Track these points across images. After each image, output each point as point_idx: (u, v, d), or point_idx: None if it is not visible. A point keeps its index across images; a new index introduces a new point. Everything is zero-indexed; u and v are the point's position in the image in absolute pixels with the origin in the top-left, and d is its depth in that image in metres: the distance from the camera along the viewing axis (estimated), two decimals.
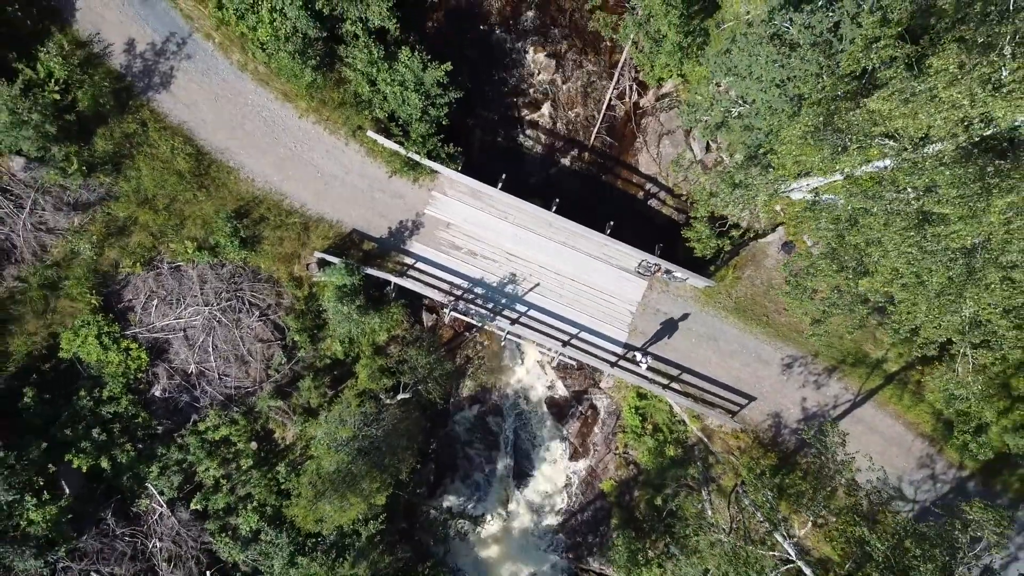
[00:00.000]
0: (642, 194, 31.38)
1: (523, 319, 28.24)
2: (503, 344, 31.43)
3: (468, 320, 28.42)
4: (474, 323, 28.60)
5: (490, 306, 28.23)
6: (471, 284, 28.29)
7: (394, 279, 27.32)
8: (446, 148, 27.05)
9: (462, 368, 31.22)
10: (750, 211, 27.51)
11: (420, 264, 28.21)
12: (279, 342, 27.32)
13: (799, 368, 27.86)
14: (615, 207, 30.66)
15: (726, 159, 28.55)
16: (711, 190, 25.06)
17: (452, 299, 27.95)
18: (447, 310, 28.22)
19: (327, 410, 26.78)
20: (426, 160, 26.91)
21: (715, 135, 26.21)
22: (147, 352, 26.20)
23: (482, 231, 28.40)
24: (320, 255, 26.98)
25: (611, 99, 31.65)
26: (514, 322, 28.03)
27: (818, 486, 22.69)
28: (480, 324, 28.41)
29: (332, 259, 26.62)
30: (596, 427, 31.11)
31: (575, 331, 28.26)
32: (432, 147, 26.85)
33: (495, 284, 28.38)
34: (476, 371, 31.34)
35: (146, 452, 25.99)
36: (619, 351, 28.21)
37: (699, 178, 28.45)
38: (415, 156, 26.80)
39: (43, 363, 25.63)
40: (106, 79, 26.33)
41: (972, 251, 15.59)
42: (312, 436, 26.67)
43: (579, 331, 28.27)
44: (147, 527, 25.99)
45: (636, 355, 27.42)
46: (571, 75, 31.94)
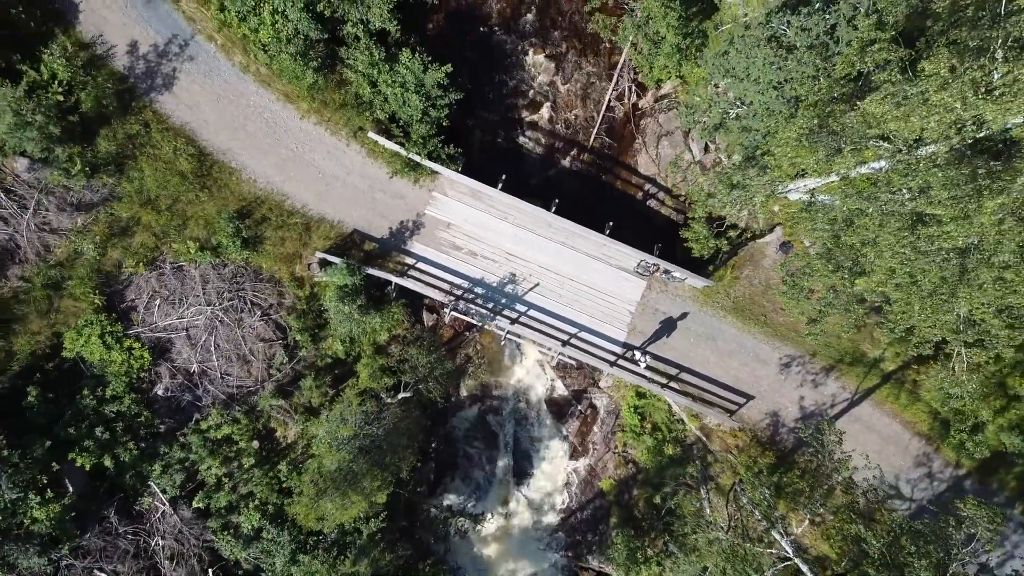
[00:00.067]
0: (641, 194, 31.55)
1: (523, 319, 28.42)
2: (503, 344, 31.59)
3: (468, 320, 28.60)
4: (474, 323, 28.77)
5: (490, 306, 28.41)
6: (471, 284, 28.47)
7: (395, 279, 27.48)
8: (446, 149, 27.18)
9: (462, 367, 31.38)
10: (748, 211, 27.66)
11: (421, 264, 28.39)
12: (281, 341, 27.50)
13: (797, 367, 28.02)
14: (614, 207, 30.80)
15: (724, 160, 28.70)
16: (709, 191, 25.22)
17: (452, 299, 28.13)
18: (447, 310, 28.40)
19: (328, 409, 26.94)
20: (426, 161, 27.05)
21: (713, 136, 26.38)
22: (150, 351, 26.35)
23: (482, 231, 28.58)
24: (321, 255, 27.15)
25: (610, 100, 31.81)
26: (514, 322, 28.21)
27: (815, 484, 22.86)
28: (480, 324, 28.59)
29: (333, 259, 26.79)
30: (595, 426, 31.26)
31: (575, 331, 28.44)
32: (432, 148, 27.00)
33: (495, 284, 28.57)
34: (476, 370, 31.49)
35: (149, 451, 26.12)
36: (618, 350, 28.38)
37: (697, 179, 28.59)
38: (416, 157, 26.93)
39: (47, 362, 25.77)
40: (109, 80, 26.45)
41: (965, 251, 15.80)
42: (313, 435, 26.84)
43: (578, 331, 28.44)
44: (150, 525, 26.12)
45: (635, 354, 27.59)
46: (570, 76, 32.12)
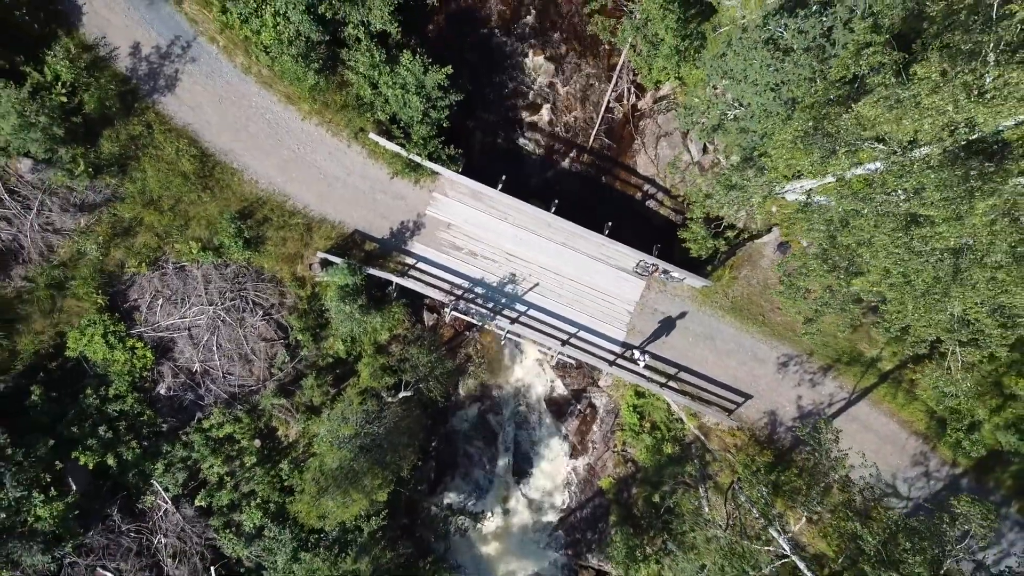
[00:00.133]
0: (640, 195, 31.73)
1: (523, 318, 28.59)
2: (503, 343, 31.74)
3: (468, 319, 28.78)
4: (474, 322, 28.95)
5: (490, 306, 28.59)
6: (471, 284, 28.65)
7: (395, 279, 27.66)
8: (447, 150, 27.34)
9: (462, 367, 31.55)
10: (746, 212, 27.83)
11: (421, 264, 28.57)
12: (282, 341, 27.68)
13: (795, 367, 28.20)
14: (614, 208, 30.98)
15: (723, 161, 28.87)
16: (707, 191, 25.39)
17: (453, 299, 28.30)
18: (448, 309, 28.58)
19: (329, 408, 27.12)
20: (427, 162, 27.22)
21: (712, 137, 26.55)
22: (152, 351, 26.54)
23: (482, 232, 28.76)
24: (323, 255, 27.34)
25: (609, 101, 31.98)
26: (514, 321, 28.38)
27: (812, 483, 23.03)
28: (480, 323, 28.77)
29: (334, 259, 26.98)
30: (595, 425, 31.43)
31: (574, 330, 28.62)
32: (433, 149, 27.16)
33: (495, 284, 28.75)
34: (476, 370, 31.66)
35: (151, 449, 26.31)
36: (617, 350, 28.56)
37: (696, 180, 28.77)
38: (416, 158, 27.10)
39: (50, 362, 25.96)
40: (112, 82, 26.62)
41: (959, 251, 16.00)
42: (315, 433, 27.02)
43: (578, 330, 28.62)
44: (152, 523, 26.29)
45: (634, 353, 27.76)
46: (570, 78, 32.31)
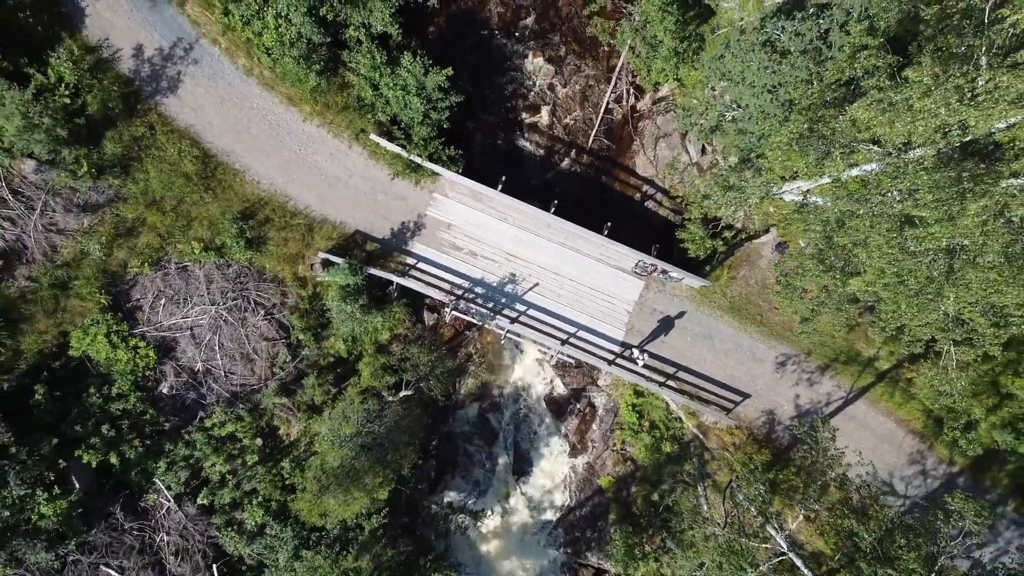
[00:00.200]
0: (639, 196, 31.92)
1: (523, 318, 28.78)
2: (503, 343, 31.94)
3: (469, 319, 28.97)
4: (474, 322, 29.14)
5: (490, 305, 28.78)
6: (472, 284, 28.83)
7: (396, 279, 27.85)
8: (447, 151, 27.53)
9: (463, 366, 31.74)
10: (744, 212, 28.02)
11: (422, 264, 28.75)
12: (284, 340, 27.87)
13: (792, 366, 28.40)
14: (613, 208, 31.17)
15: (721, 162, 29.06)
16: (705, 192, 25.58)
17: (453, 298, 28.48)
18: (448, 309, 28.76)
19: (331, 407, 27.31)
20: (427, 163, 27.40)
21: (710, 138, 26.75)
22: (155, 350, 26.72)
23: (482, 232, 28.95)
24: (324, 255, 27.53)
25: (609, 103, 32.17)
26: (514, 321, 28.57)
27: (809, 481, 23.21)
28: (480, 323, 28.95)
29: (336, 259, 27.18)
30: (594, 424, 31.62)
31: (573, 330, 28.81)
32: (433, 150, 27.34)
33: (495, 284, 28.94)
34: (476, 369, 31.85)
35: (154, 448, 26.50)
36: (616, 349, 28.74)
37: (694, 180, 28.96)
38: (417, 159, 27.28)
39: (53, 361, 26.14)
40: (115, 83, 26.83)
41: (952, 251, 16.20)
42: (316, 432, 27.19)
43: (577, 330, 28.81)
44: (155, 521, 26.49)
45: (633, 352, 27.93)
46: (569, 79, 32.50)
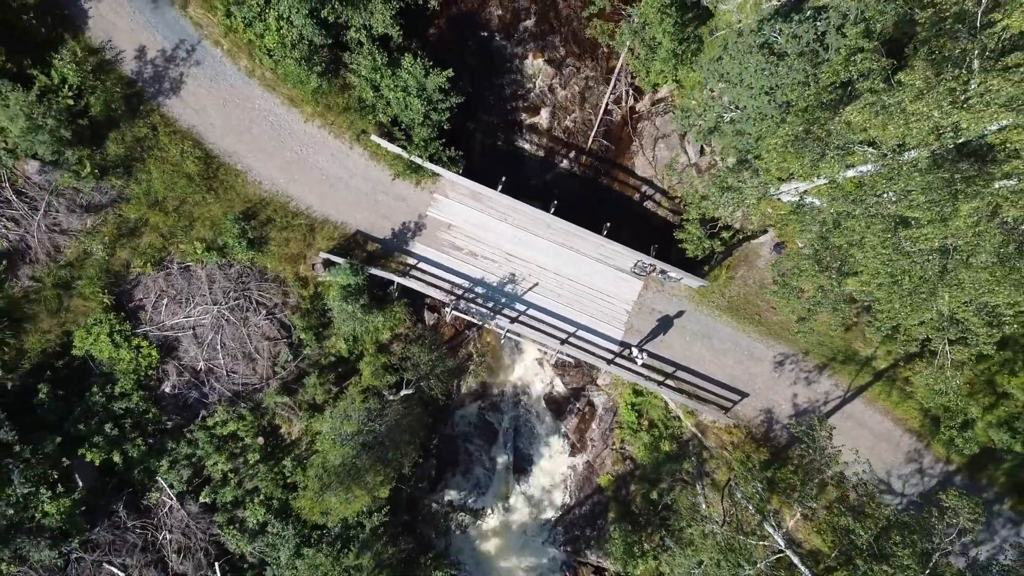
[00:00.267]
0: (638, 196, 32.10)
1: (522, 318, 28.95)
2: (503, 342, 32.12)
3: (469, 319, 29.15)
4: (475, 322, 29.32)
5: (490, 305, 28.96)
6: (472, 284, 29.01)
7: (397, 279, 28.02)
8: (447, 152, 27.70)
9: (463, 365, 31.92)
10: (742, 213, 28.20)
11: (422, 264, 28.93)
12: (285, 340, 28.06)
13: (790, 365, 28.57)
14: (612, 209, 31.32)
15: (720, 163, 29.24)
16: (703, 193, 25.76)
17: (453, 298, 28.65)
18: (448, 309, 28.93)
19: (332, 406, 27.48)
20: (428, 163, 27.57)
21: (708, 139, 26.93)
22: (157, 350, 26.91)
23: (482, 232, 29.14)
24: (325, 256, 27.71)
25: (608, 104, 32.34)
26: (514, 321, 28.74)
27: (806, 479, 23.39)
28: (480, 323, 29.13)
29: (337, 259, 27.36)
30: (593, 423, 31.80)
31: (573, 329, 28.98)
32: (434, 151, 27.52)
33: (495, 284, 29.12)
34: (477, 368, 32.03)
35: (156, 447, 26.70)
36: (616, 349, 28.92)
37: (692, 181, 29.14)
38: (417, 160, 27.45)
39: (57, 360, 26.34)
40: (118, 85, 27.00)
41: (946, 252, 16.40)
42: (317, 431, 27.38)
43: (577, 329, 28.99)
44: (157, 519, 26.69)
45: (632, 351, 28.08)
46: (569, 81, 32.69)
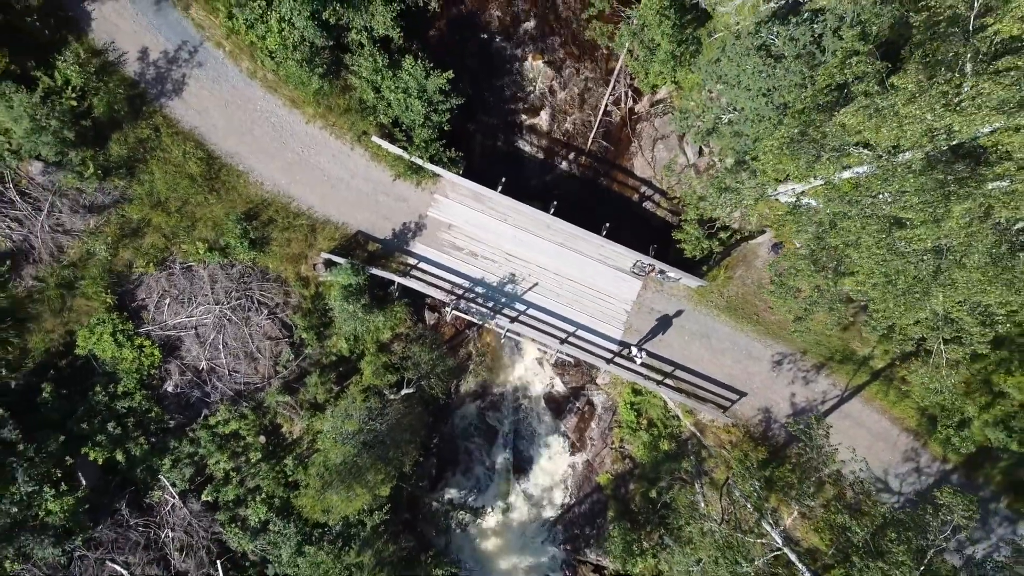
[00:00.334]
0: (637, 197, 32.28)
1: (522, 317, 29.12)
2: (503, 342, 32.28)
3: (469, 318, 29.32)
4: (475, 321, 29.49)
5: (490, 305, 29.13)
6: (472, 284, 29.18)
7: (398, 279, 28.18)
8: (448, 153, 27.86)
9: (463, 365, 32.09)
10: (740, 213, 28.39)
11: (423, 264, 29.09)
12: (287, 339, 28.24)
13: (788, 365, 28.75)
14: (611, 209, 31.49)
15: (718, 163, 29.43)
16: (701, 194, 25.94)
17: (454, 298, 28.82)
18: (449, 309, 29.10)
19: (333, 405, 27.62)
20: (429, 164, 27.74)
21: (707, 140, 27.10)
22: (160, 349, 27.08)
23: (483, 232, 29.31)
24: (326, 256, 27.89)
25: (607, 105, 32.52)
26: (513, 320, 28.90)
27: (804, 477, 23.57)
28: (480, 322, 29.30)
29: (338, 260, 27.54)
30: (593, 422, 31.97)
31: (572, 329, 29.15)
32: (434, 152, 27.68)
33: (495, 284, 29.30)
34: (477, 368, 32.20)
35: (159, 445, 26.86)
36: (615, 348, 29.09)
37: (691, 182, 29.32)
38: (418, 160, 27.62)
39: (60, 360, 26.51)
40: (121, 86, 27.13)
41: (940, 252, 16.59)
42: (319, 430, 27.54)
43: (576, 329, 29.16)
44: (160, 518, 26.89)
45: (631, 350, 28.26)
46: (568, 82, 32.88)
